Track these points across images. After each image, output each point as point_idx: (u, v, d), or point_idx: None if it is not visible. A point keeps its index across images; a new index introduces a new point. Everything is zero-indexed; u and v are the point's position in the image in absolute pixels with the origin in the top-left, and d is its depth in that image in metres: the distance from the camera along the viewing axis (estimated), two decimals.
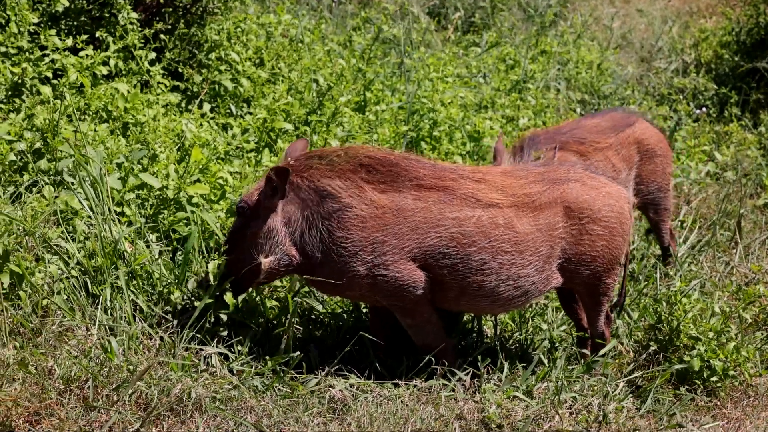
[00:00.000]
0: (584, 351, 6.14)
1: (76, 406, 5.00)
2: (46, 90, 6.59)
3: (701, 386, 6.05)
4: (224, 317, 5.70)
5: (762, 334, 6.50)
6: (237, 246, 5.59)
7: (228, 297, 5.64)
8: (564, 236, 5.76)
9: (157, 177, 6.32)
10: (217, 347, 5.54)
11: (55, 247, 5.74)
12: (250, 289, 5.85)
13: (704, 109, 11.55)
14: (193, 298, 5.77)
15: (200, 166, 6.50)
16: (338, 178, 5.52)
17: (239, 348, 5.60)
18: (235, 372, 5.49)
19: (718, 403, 6.00)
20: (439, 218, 5.53)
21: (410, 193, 5.55)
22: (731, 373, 6.05)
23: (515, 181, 5.75)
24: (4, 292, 5.46)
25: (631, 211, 6.02)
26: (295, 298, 6.12)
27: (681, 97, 11.67)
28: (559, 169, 5.90)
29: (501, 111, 9.48)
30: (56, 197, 5.95)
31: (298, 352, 5.57)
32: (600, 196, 5.84)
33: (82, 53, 6.97)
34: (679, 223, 8.84)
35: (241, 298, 5.81)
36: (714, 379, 6.02)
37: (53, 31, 6.95)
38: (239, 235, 5.60)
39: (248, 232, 5.56)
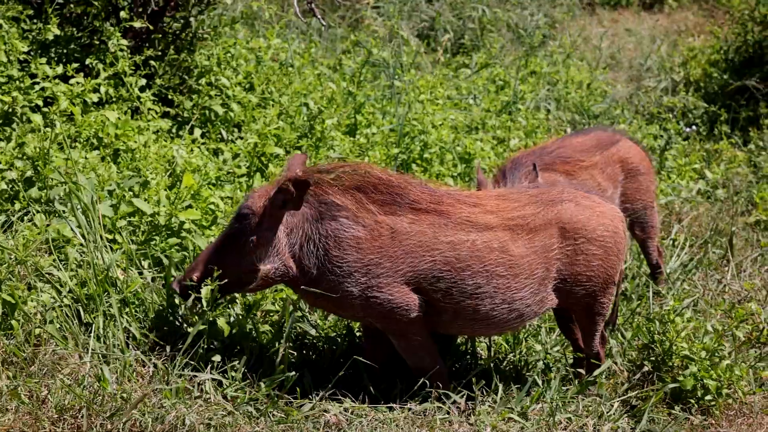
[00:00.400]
0: (580, 371, 6.14)
1: None
2: (37, 118, 6.60)
3: (695, 405, 6.04)
4: (217, 343, 5.68)
5: (755, 351, 6.51)
6: (234, 250, 5.53)
7: (221, 322, 5.63)
8: (559, 257, 5.77)
9: (148, 203, 6.31)
10: (210, 373, 5.52)
11: (47, 275, 5.73)
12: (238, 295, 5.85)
13: (694, 127, 11.60)
14: (185, 325, 5.76)
15: (191, 192, 6.50)
16: (343, 195, 5.51)
17: (233, 374, 5.58)
18: (229, 398, 5.47)
19: (713, 422, 5.99)
20: (433, 242, 5.53)
21: (406, 217, 5.55)
22: (725, 391, 6.05)
23: (509, 204, 5.75)
24: None
25: (625, 230, 6.03)
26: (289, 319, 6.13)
27: (671, 115, 11.71)
28: (552, 190, 5.90)
29: (492, 132, 9.51)
30: (48, 225, 5.95)
31: (294, 372, 5.55)
32: (595, 216, 5.85)
33: (72, 81, 6.98)
34: (671, 241, 8.85)
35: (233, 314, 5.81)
36: (708, 397, 6.02)
37: (43, 60, 6.97)
38: (238, 240, 5.53)
39: (249, 238, 5.50)
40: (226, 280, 5.50)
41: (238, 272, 5.52)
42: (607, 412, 5.78)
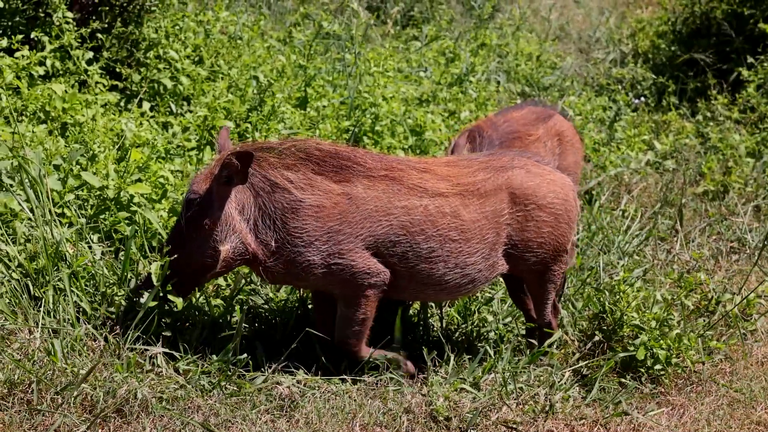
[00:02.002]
0: (532, 341, 6.18)
1: (20, 410, 4.95)
2: None
3: (645, 374, 6.10)
4: (168, 320, 5.65)
5: (704, 320, 6.57)
6: (190, 238, 5.51)
7: (173, 296, 5.58)
8: (510, 222, 5.81)
9: (97, 177, 6.26)
10: (162, 347, 5.49)
11: None
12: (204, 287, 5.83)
13: (643, 98, 11.67)
14: (137, 299, 5.72)
15: (139, 165, 6.46)
16: (289, 170, 5.51)
17: (185, 347, 5.56)
18: (181, 371, 5.45)
19: (663, 390, 6.05)
20: (389, 207, 5.56)
21: (360, 183, 5.56)
22: (674, 360, 6.11)
23: (460, 170, 5.81)
24: None
25: (576, 199, 6.06)
26: (239, 296, 6.10)
27: (619, 87, 11.76)
28: (503, 157, 5.95)
29: (443, 104, 9.50)
30: None
31: (246, 354, 5.53)
32: (545, 183, 5.89)
33: (17, 54, 6.89)
34: (621, 212, 8.92)
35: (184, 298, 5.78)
36: (658, 367, 6.08)
37: None
38: (194, 227, 5.51)
39: (202, 222, 5.47)
40: (191, 271, 5.51)
41: (201, 259, 5.50)
42: (559, 382, 5.82)
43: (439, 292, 5.78)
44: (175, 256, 5.45)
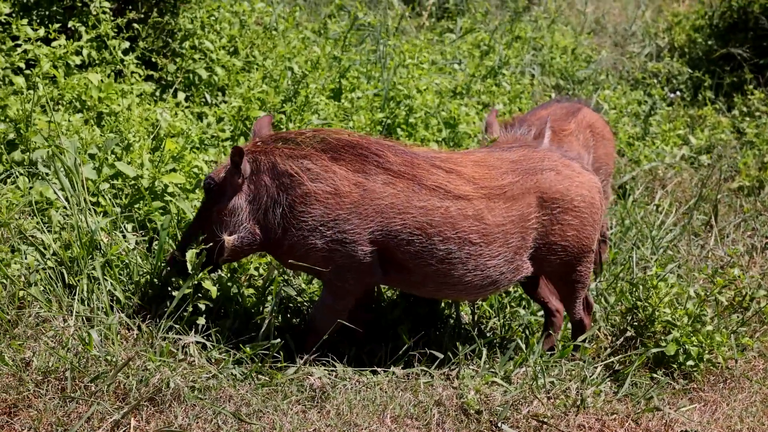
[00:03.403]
0: (551, 333, 6.17)
1: (54, 398, 4.98)
2: (19, 80, 6.55)
3: (677, 370, 6.08)
4: (202, 306, 5.69)
5: (737, 317, 6.54)
6: (206, 222, 5.59)
7: (208, 284, 5.63)
8: (536, 226, 5.73)
9: (131, 166, 6.30)
10: (194, 336, 5.52)
11: (30, 238, 5.71)
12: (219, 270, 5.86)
13: (678, 93, 11.60)
14: (170, 288, 5.76)
15: (174, 155, 6.49)
16: (305, 159, 5.51)
17: (217, 337, 5.58)
18: (213, 361, 5.48)
19: (695, 386, 6.03)
20: (406, 206, 5.52)
21: (379, 177, 5.53)
22: (707, 357, 6.09)
23: (488, 171, 5.71)
24: None
25: (602, 199, 5.99)
26: (271, 287, 6.12)
27: (655, 81, 11.70)
28: (534, 157, 5.84)
29: (476, 97, 9.48)
30: (31, 188, 5.93)
31: (279, 339, 5.55)
32: (573, 186, 5.81)
33: (54, 43, 6.93)
34: (655, 207, 8.88)
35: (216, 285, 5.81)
36: (690, 363, 6.05)
37: (25, 21, 6.91)
38: (205, 213, 5.60)
39: (214, 209, 5.56)
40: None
41: (212, 243, 5.54)
42: (590, 376, 5.81)
43: (459, 293, 5.74)
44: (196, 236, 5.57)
